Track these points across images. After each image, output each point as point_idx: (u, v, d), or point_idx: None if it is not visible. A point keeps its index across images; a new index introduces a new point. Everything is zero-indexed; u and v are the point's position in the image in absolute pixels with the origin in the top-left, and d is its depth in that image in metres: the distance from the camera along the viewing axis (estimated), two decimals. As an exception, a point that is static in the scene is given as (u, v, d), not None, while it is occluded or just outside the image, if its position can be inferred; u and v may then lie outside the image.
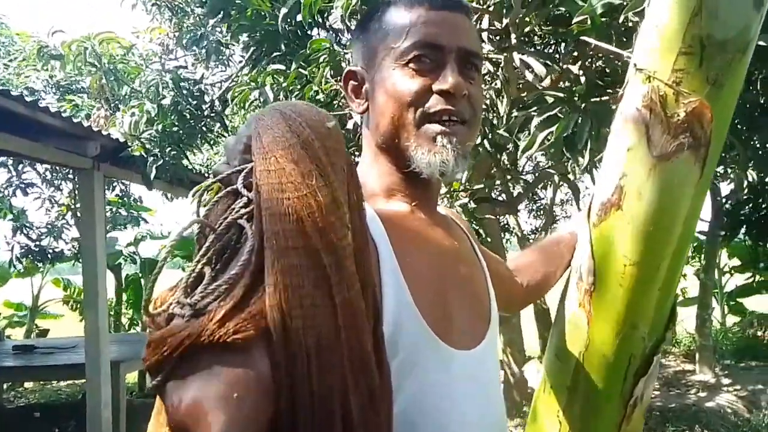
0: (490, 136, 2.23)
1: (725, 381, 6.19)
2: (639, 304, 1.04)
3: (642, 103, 0.96)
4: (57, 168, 6.96)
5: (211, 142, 4.67)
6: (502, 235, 6.10)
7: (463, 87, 0.77)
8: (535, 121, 1.56)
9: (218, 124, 3.92)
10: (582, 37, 1.47)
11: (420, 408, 0.68)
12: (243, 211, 0.55)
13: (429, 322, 0.70)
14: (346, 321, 0.52)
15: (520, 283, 1.11)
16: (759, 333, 8.49)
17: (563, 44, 1.82)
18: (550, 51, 1.91)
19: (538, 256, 1.15)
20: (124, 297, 8.87)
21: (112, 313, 8.00)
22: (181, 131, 3.42)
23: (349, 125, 2.41)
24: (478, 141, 2.11)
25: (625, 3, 1.26)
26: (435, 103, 0.77)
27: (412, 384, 0.68)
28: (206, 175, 5.87)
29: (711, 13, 0.89)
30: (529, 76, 1.68)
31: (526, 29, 1.86)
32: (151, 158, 3.34)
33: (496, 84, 2.27)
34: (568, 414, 1.13)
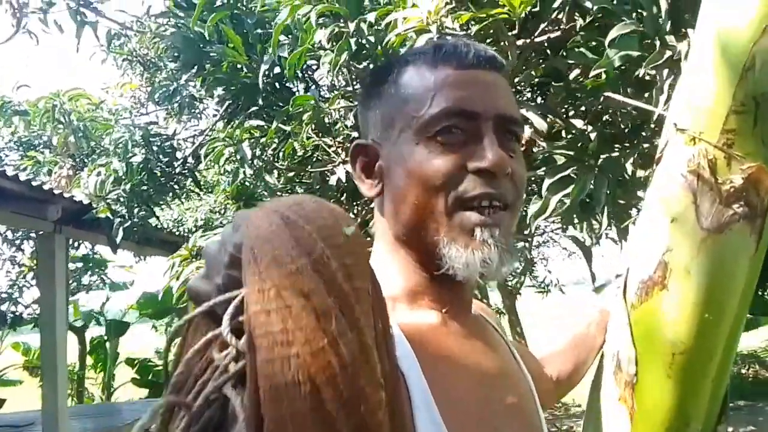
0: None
1: (714, 423, 6.03)
2: (691, 398, 0.90)
3: (688, 168, 0.84)
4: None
5: (183, 198, 4.49)
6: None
7: (507, 164, 0.63)
8: (546, 183, 1.44)
9: (190, 180, 3.75)
10: (605, 93, 1.38)
11: None
12: (229, 372, 0.39)
13: None
14: None
15: (549, 377, 0.96)
16: (743, 371, 8.44)
17: (570, 99, 1.74)
18: (547, 102, 1.83)
19: (567, 344, 1.00)
20: (89, 361, 8.40)
21: (74, 378, 7.55)
22: (150, 189, 3.24)
23: (332, 180, 2.27)
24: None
25: (645, 54, 1.17)
26: (472, 186, 0.62)
27: None
28: (175, 233, 5.68)
29: (765, 68, 0.78)
30: (528, 132, 1.58)
31: (522, 79, 1.77)
32: (118, 220, 3.14)
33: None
34: None
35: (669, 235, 0.87)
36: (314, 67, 2.52)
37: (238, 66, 2.45)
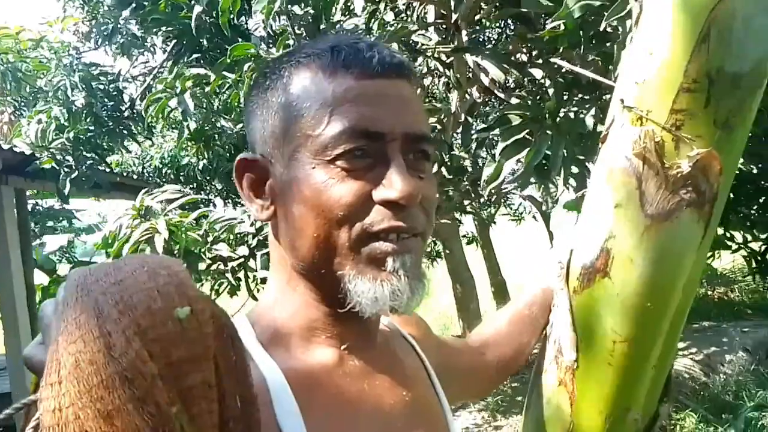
0: (448, 162, 2.01)
1: (680, 345, 6.29)
2: (632, 385, 0.87)
3: (633, 151, 0.77)
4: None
5: (141, 138, 4.29)
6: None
7: (417, 192, 0.55)
8: (500, 146, 1.34)
9: (140, 125, 3.56)
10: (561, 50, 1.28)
11: None
12: None
13: None
14: None
15: (489, 363, 0.92)
16: (708, 292, 8.70)
17: (532, 51, 1.62)
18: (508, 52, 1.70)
19: (508, 326, 0.95)
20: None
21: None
22: (98, 136, 3.07)
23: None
24: (435, 169, 1.89)
25: (607, 4, 1.05)
26: (379, 219, 0.55)
27: None
28: (134, 176, 5.50)
29: (722, 40, 0.70)
30: (485, 80, 1.47)
31: (479, 26, 1.65)
32: (65, 170, 2.97)
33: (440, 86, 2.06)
34: (549, 503, 0.96)
35: (612, 221, 0.81)
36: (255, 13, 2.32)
37: (179, 4, 2.25)
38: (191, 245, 2.19)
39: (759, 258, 2.69)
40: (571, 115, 1.37)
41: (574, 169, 1.31)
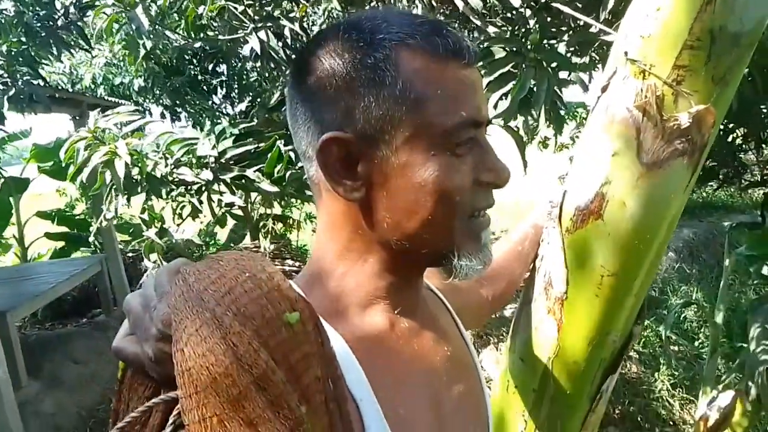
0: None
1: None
2: (614, 313, 0.97)
3: (635, 103, 0.81)
4: None
5: (73, 50, 3.98)
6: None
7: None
8: (485, 80, 1.35)
9: (75, 32, 3.29)
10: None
11: None
12: None
13: None
14: None
15: (484, 296, 0.99)
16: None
17: None
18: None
19: (501, 260, 1.02)
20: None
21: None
22: (31, 48, 2.84)
23: (245, 51, 2.05)
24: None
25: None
26: (484, 199, 0.62)
27: None
28: (69, 90, 5.14)
29: (727, 1, 0.73)
30: (460, 4, 1.44)
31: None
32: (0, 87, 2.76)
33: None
34: (534, 414, 1.09)
35: (609, 168, 0.86)
36: None
37: None
38: (153, 170, 2.14)
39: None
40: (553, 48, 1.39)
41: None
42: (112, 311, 4.78)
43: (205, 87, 6.63)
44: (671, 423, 4.08)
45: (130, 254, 5.85)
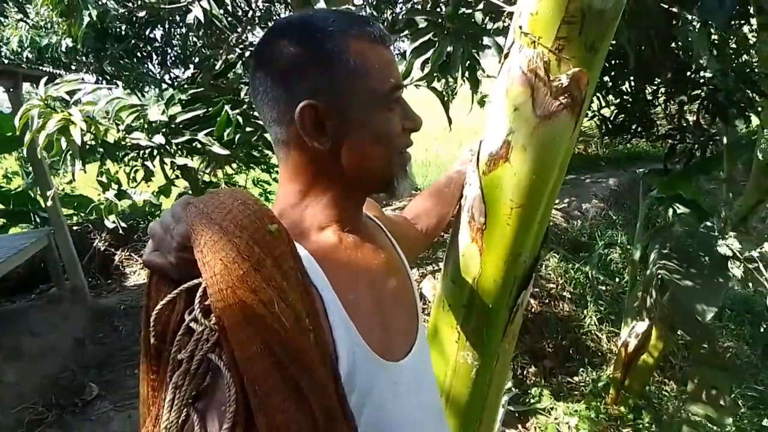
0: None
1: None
2: (523, 238, 1.19)
3: (528, 67, 1.02)
4: None
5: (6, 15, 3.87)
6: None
7: None
8: (410, 46, 1.54)
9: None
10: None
11: (381, 430, 0.76)
12: (209, 343, 0.56)
13: (376, 349, 0.76)
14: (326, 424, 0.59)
15: (419, 230, 1.20)
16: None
17: None
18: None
19: (432, 201, 1.23)
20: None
21: None
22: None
23: (189, 19, 2.15)
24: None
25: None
26: (407, 140, 0.85)
27: (370, 411, 0.74)
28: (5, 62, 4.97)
29: (592, -14, 0.94)
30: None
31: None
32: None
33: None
34: (465, 326, 1.31)
35: (512, 120, 1.08)
36: None
37: None
38: (105, 135, 2.23)
39: (609, 123, 3.20)
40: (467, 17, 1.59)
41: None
42: (64, 284, 4.80)
43: (139, 54, 6.53)
44: (599, 354, 4.50)
45: (75, 228, 5.81)
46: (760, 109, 2.70)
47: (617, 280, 4.99)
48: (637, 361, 3.81)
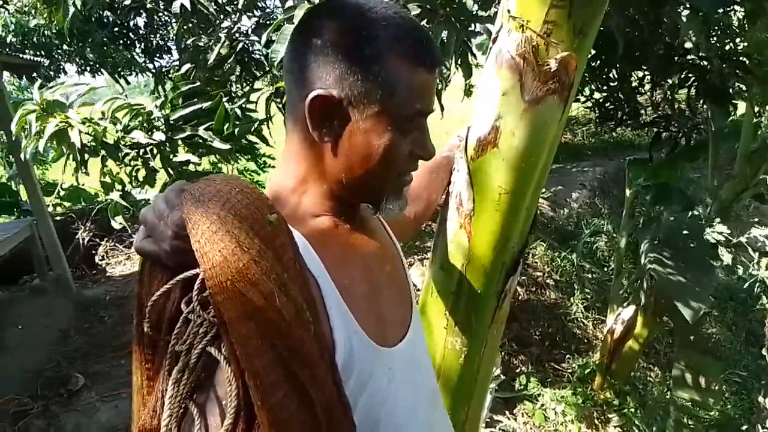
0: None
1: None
2: (511, 224, 1.19)
3: (516, 52, 1.02)
4: None
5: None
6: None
7: None
8: None
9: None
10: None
11: (376, 416, 0.77)
12: (208, 336, 0.55)
13: (372, 336, 0.76)
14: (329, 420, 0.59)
15: (407, 215, 1.20)
16: (555, 138, 9.70)
17: None
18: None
19: (422, 188, 1.23)
20: None
21: None
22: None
23: (175, 7, 2.12)
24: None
25: None
26: (412, 166, 0.82)
27: (366, 398, 0.74)
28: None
29: (580, -30, 0.93)
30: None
31: None
32: None
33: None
34: (453, 312, 1.32)
35: (500, 105, 1.07)
36: None
37: None
38: (104, 135, 2.19)
39: (601, 107, 3.20)
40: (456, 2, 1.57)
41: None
42: (47, 274, 4.74)
43: (122, 41, 6.43)
44: (585, 341, 4.55)
45: (59, 218, 5.74)
46: (754, 91, 2.72)
47: (603, 267, 5.03)
48: (622, 348, 3.86)
